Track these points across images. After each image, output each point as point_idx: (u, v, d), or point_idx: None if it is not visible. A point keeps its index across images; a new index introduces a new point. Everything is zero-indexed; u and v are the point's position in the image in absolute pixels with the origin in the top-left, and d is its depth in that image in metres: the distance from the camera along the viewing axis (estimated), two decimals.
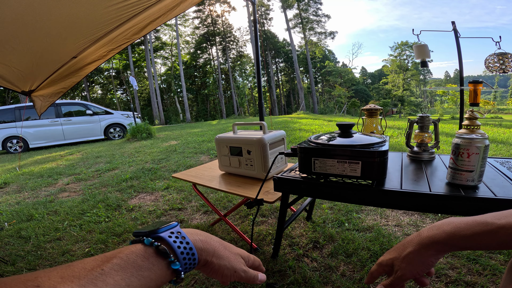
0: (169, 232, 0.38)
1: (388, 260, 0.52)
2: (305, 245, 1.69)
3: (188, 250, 0.37)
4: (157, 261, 0.34)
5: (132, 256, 0.33)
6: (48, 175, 4.31)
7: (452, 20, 2.47)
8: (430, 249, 0.46)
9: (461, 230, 0.43)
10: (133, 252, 0.34)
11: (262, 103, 2.81)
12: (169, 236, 0.37)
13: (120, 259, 0.32)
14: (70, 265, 0.30)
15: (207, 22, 31.22)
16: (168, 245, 0.37)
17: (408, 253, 0.48)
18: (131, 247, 0.35)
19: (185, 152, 5.00)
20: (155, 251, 0.35)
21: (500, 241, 0.40)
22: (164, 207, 2.53)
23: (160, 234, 0.37)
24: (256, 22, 2.53)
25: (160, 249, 0.35)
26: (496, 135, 4.99)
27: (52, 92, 2.73)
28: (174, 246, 0.36)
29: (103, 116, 9.27)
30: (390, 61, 36.47)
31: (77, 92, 29.25)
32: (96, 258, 0.32)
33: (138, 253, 0.34)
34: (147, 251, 0.34)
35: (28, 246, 2.00)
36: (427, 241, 0.46)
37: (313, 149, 0.89)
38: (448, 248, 0.45)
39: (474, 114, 1.11)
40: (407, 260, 0.48)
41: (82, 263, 0.31)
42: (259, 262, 0.49)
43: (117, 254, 0.33)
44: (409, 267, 0.48)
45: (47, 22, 1.58)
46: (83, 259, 0.32)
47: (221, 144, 1.62)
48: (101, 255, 0.33)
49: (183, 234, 0.39)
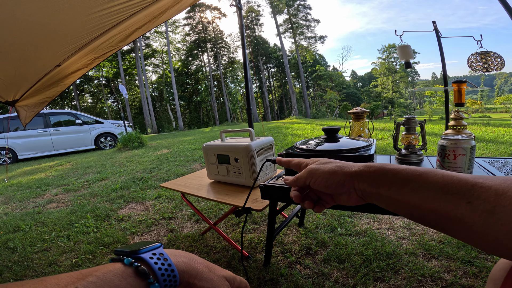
0: (150, 253, 0.37)
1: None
2: (297, 252, 1.67)
3: (170, 272, 0.36)
4: (135, 281, 0.33)
5: (110, 275, 0.32)
6: (37, 186, 4.23)
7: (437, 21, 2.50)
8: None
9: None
10: (110, 271, 0.32)
11: (250, 109, 2.80)
12: (150, 257, 0.36)
13: (96, 277, 0.31)
14: (43, 280, 0.29)
15: (198, 29, 31.29)
16: (149, 266, 0.35)
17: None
18: (109, 265, 0.34)
19: (177, 161, 4.95)
20: (135, 271, 0.34)
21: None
22: (154, 217, 2.48)
23: (141, 255, 0.36)
24: (242, 27, 2.52)
25: (140, 269, 0.34)
26: (485, 134, 5.07)
27: (36, 102, 2.67)
28: (154, 267, 0.35)
29: (93, 125, 9.14)
30: (379, 64, 37.06)
31: (67, 101, 28.88)
32: (71, 275, 0.30)
33: (116, 273, 0.33)
34: (125, 271, 0.33)
35: (15, 257, 1.99)
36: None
37: (298, 156, 0.86)
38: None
39: (459, 114, 1.10)
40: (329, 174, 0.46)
41: (56, 279, 0.29)
42: (245, 284, 0.47)
43: (93, 272, 0.31)
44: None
45: (28, 30, 1.54)
46: (58, 274, 0.31)
47: (208, 152, 1.59)
48: (77, 272, 0.31)
49: (166, 255, 0.38)
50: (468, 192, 0.33)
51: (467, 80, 1.23)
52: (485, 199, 0.31)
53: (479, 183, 0.33)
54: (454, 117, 1.11)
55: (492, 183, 0.32)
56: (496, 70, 2.10)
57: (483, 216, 0.31)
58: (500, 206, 0.30)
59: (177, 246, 1.91)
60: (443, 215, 0.34)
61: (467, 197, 0.32)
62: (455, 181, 0.34)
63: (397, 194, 0.39)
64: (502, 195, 0.30)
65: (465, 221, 0.32)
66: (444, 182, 0.35)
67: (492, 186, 0.32)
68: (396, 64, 34.32)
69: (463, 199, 0.33)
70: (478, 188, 0.32)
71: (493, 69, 1.99)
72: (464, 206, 0.32)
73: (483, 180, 0.33)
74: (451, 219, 0.34)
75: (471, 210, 0.32)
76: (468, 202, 0.32)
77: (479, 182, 0.33)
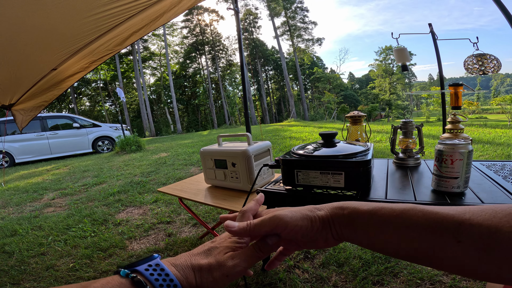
0: (146, 265, 0.38)
1: None
2: (295, 256, 1.66)
3: (169, 282, 0.36)
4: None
5: (107, 286, 0.33)
6: (34, 190, 4.20)
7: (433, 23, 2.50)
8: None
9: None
10: (108, 282, 0.33)
11: (248, 113, 2.79)
12: (145, 269, 0.37)
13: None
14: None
15: (196, 32, 31.32)
16: (144, 277, 0.36)
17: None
18: (107, 277, 0.35)
19: (175, 164, 4.93)
20: (131, 282, 0.35)
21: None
22: (152, 221, 2.46)
23: (137, 268, 0.37)
24: (240, 31, 2.53)
25: (135, 280, 0.35)
26: (482, 136, 5.09)
27: (33, 106, 2.66)
28: (150, 278, 0.36)
29: (91, 129, 9.09)
30: (376, 65, 37.21)
31: (64, 104, 28.75)
32: (71, 287, 0.32)
33: (114, 284, 0.34)
34: (122, 282, 0.34)
35: (11, 261, 1.99)
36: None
37: (295, 161, 0.86)
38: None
39: (456, 117, 1.11)
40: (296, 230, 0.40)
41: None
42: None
43: (91, 284, 0.32)
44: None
45: (23, 33, 1.53)
46: (58, 286, 0.33)
47: (206, 157, 1.58)
48: (76, 284, 0.33)
49: (162, 265, 0.38)
50: (456, 230, 0.31)
51: (463, 83, 1.23)
52: (477, 238, 0.30)
53: (467, 220, 0.31)
54: (451, 120, 1.11)
55: (481, 218, 0.31)
56: (493, 72, 2.11)
57: (476, 255, 0.30)
58: (495, 244, 0.29)
59: (175, 251, 1.89)
60: (430, 254, 0.33)
61: (456, 236, 0.31)
62: (439, 218, 0.33)
63: (376, 236, 0.37)
64: (496, 232, 0.29)
65: (456, 260, 0.31)
66: (427, 221, 0.33)
67: (482, 223, 0.30)
68: (393, 66, 34.49)
69: (452, 238, 0.31)
70: (467, 226, 0.31)
71: (489, 71, 1.99)
72: (454, 245, 0.31)
73: (470, 216, 0.31)
74: (440, 258, 0.33)
75: (463, 249, 0.30)
76: (458, 241, 0.31)
77: (466, 218, 0.31)
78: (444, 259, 0.32)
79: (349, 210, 0.39)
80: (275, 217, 0.40)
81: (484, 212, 0.31)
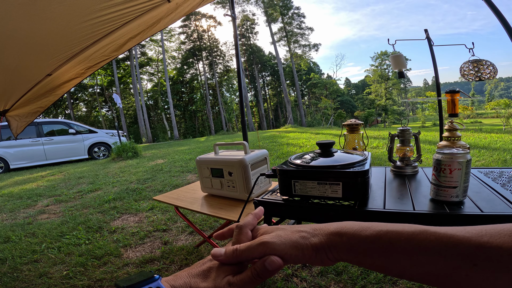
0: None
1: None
2: (294, 264, 1.64)
3: None
4: None
5: None
6: (28, 196, 4.15)
7: (427, 28, 2.52)
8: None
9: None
10: None
11: (244, 121, 2.78)
12: None
13: None
14: None
15: (193, 37, 31.41)
16: None
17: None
18: None
19: (171, 171, 4.90)
20: None
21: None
22: (148, 229, 2.43)
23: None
24: (236, 37, 2.53)
25: None
26: (478, 141, 5.11)
27: (28, 112, 2.63)
28: None
29: (87, 135, 9.03)
30: (372, 71, 37.50)
31: (60, 110, 28.61)
32: None
33: None
34: None
35: (4, 268, 1.96)
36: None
37: (292, 171, 0.85)
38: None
39: (454, 125, 1.10)
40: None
41: None
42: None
43: None
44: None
45: (17, 38, 1.51)
46: None
47: (202, 165, 1.56)
48: None
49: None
50: (474, 255, 0.30)
51: (460, 90, 1.23)
52: (495, 261, 0.29)
53: (485, 243, 0.30)
54: (448, 128, 1.10)
55: (501, 241, 0.29)
56: (489, 78, 2.12)
57: (493, 276, 0.29)
58: None
59: (171, 259, 1.86)
60: (442, 277, 0.31)
61: (472, 259, 0.30)
62: (454, 242, 0.31)
63: (381, 261, 0.35)
64: None
65: (472, 282, 0.30)
66: (440, 246, 0.32)
67: (502, 245, 0.29)
68: (389, 71, 34.77)
69: (468, 262, 0.30)
70: (486, 249, 0.29)
71: (485, 77, 1.99)
72: (469, 268, 0.30)
73: (488, 239, 0.30)
74: (453, 281, 0.31)
75: (479, 272, 0.29)
76: (474, 264, 0.29)
77: (484, 242, 0.30)
78: (456, 281, 0.31)
79: (348, 236, 0.37)
80: (263, 245, 0.38)
81: (503, 233, 0.30)
